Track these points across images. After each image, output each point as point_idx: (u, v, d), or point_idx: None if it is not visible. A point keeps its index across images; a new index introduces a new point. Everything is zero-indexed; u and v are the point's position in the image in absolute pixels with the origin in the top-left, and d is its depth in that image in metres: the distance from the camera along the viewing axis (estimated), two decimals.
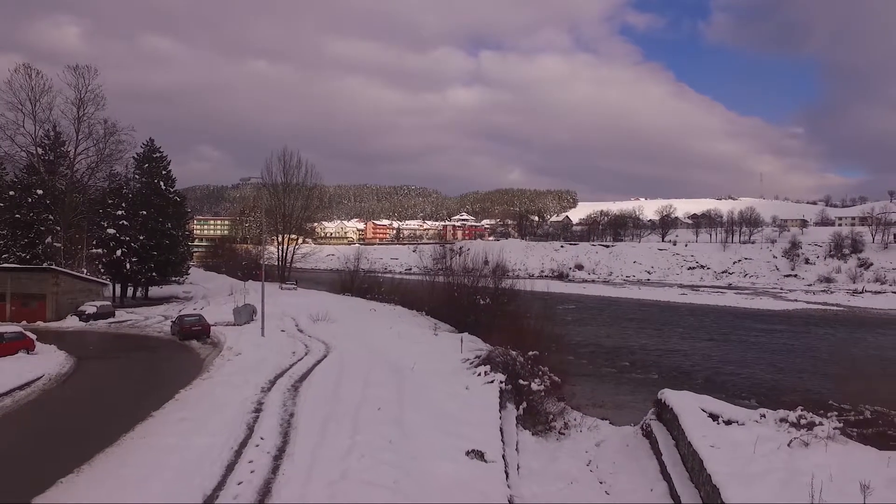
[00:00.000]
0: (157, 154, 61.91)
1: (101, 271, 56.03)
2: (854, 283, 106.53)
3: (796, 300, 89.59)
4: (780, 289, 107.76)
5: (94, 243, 55.98)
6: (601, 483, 17.35)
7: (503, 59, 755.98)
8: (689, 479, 15.27)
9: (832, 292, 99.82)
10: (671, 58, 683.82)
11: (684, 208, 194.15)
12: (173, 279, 63.20)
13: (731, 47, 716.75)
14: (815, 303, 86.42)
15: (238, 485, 12.57)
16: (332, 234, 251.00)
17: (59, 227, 52.04)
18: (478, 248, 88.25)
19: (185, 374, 24.36)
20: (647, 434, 19.77)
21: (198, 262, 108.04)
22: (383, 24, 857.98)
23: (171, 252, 60.99)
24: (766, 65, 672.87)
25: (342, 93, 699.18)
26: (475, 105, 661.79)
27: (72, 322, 42.40)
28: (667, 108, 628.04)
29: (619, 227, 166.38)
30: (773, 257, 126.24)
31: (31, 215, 49.89)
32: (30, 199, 49.87)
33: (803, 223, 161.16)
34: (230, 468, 13.52)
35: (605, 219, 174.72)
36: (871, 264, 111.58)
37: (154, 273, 59.21)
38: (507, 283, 48.32)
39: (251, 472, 13.29)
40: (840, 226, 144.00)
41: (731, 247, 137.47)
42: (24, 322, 39.24)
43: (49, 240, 50.81)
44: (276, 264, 79.42)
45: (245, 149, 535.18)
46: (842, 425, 15.14)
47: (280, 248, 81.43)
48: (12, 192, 50.46)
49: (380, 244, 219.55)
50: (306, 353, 28.58)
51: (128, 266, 56.27)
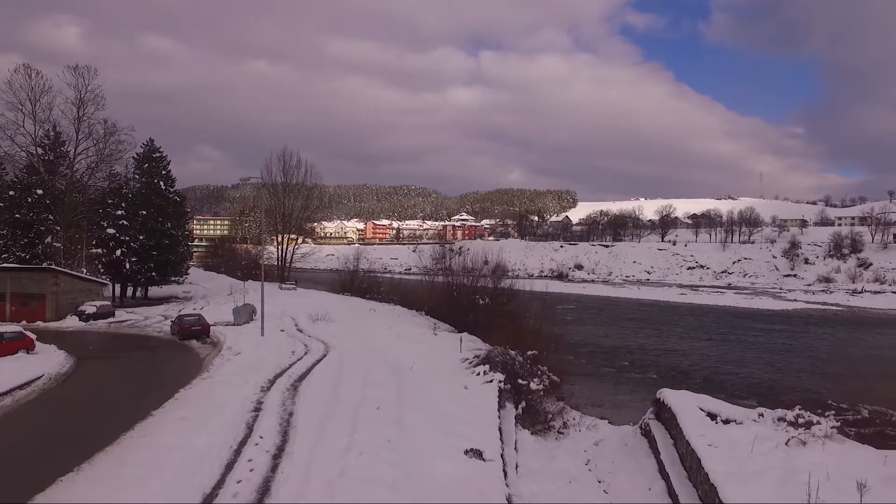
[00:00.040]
0: (157, 154, 62.04)
1: (101, 271, 56.07)
2: (853, 283, 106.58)
3: (796, 300, 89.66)
4: (780, 289, 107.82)
5: (93, 243, 56.02)
6: (599, 482, 17.40)
7: (503, 59, 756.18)
8: (686, 477, 15.31)
9: (831, 292, 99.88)
10: (671, 58, 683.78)
11: (684, 208, 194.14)
12: (173, 279, 63.33)
13: (731, 47, 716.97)
14: (814, 303, 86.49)
15: (237, 483, 12.63)
16: (331, 234, 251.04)
17: (58, 227, 52.04)
18: (477, 248, 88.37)
19: (185, 373, 24.43)
20: (646, 433, 19.81)
21: (197, 262, 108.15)
22: (383, 24, 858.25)
23: (171, 252, 61.13)
24: (766, 65, 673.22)
25: (342, 93, 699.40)
26: (475, 105, 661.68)
27: (71, 322, 42.45)
28: (667, 108, 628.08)
29: (618, 227, 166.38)
30: (773, 257, 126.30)
31: (31, 215, 49.90)
32: (30, 199, 49.88)
33: (803, 223, 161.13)
34: (229, 467, 13.58)
35: (605, 219, 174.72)
36: (871, 264, 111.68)
37: (154, 273, 59.34)
38: (506, 283, 48.42)
39: (250, 470, 13.35)
40: (840, 226, 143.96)
41: (730, 247, 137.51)
42: (24, 322, 39.29)
43: (49, 240, 50.82)
44: (275, 264, 79.49)
45: (245, 149, 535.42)
46: (839, 424, 15.20)
47: (280, 247, 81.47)
48: (12, 192, 50.47)
49: (379, 244, 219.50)
50: (306, 353, 28.64)
51: (127, 266, 56.37)
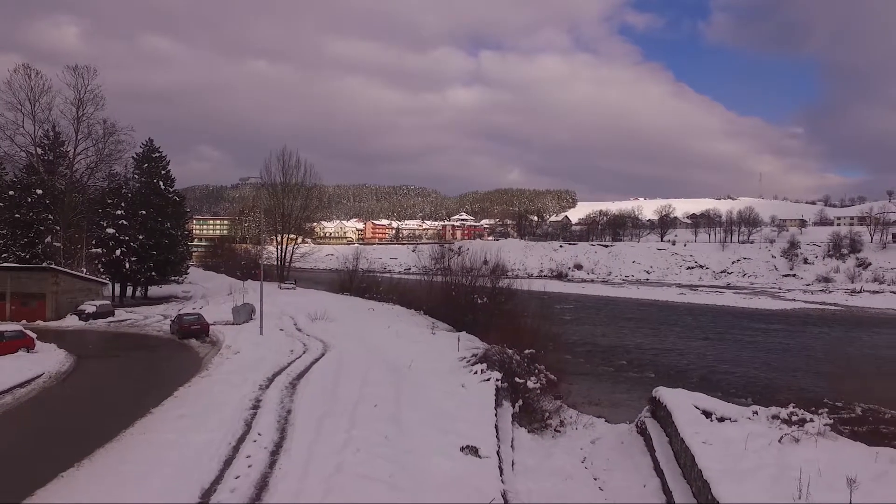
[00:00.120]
0: (157, 154, 62.22)
1: (101, 271, 56.19)
2: (852, 282, 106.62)
3: (794, 300, 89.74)
4: (779, 288, 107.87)
5: (93, 243, 56.15)
6: (595, 479, 17.50)
7: (503, 59, 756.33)
8: (681, 474, 15.43)
9: (830, 292, 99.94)
10: (671, 58, 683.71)
11: (683, 208, 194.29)
12: (172, 279, 63.51)
13: (731, 47, 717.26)
14: (812, 302, 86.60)
15: (236, 479, 12.79)
16: (331, 233, 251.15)
17: (58, 227, 52.15)
18: (476, 248, 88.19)
19: (185, 372, 24.60)
20: (642, 431, 19.92)
21: (197, 261, 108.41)
22: (383, 24, 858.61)
23: (171, 252, 61.30)
24: (766, 65, 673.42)
25: (342, 93, 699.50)
26: (475, 105, 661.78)
27: (71, 321, 42.57)
28: (666, 108, 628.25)
29: (618, 227, 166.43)
30: (772, 257, 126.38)
31: (31, 215, 50.00)
32: (29, 199, 49.99)
33: (802, 223, 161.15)
34: (228, 463, 13.74)
35: (605, 219, 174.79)
36: (870, 264, 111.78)
37: (153, 272, 59.52)
38: (504, 283, 48.54)
39: (248, 466, 13.51)
40: (839, 226, 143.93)
41: (729, 247, 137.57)
42: (24, 321, 39.41)
43: (49, 239, 50.93)
44: (275, 264, 79.62)
45: (244, 149, 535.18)
46: (833, 422, 15.31)
47: (279, 247, 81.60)
48: (12, 192, 50.57)
49: (379, 244, 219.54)
50: (304, 352, 28.77)
51: (127, 265, 56.53)
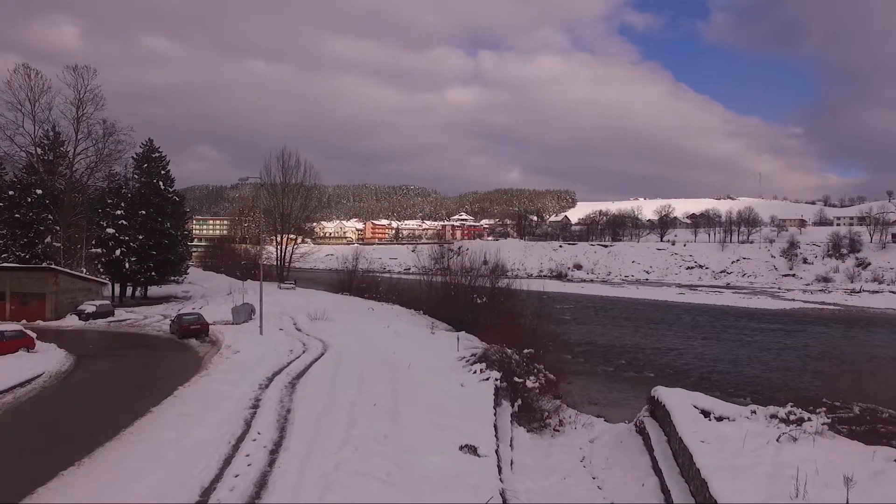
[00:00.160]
0: (156, 154, 62.27)
1: (101, 271, 56.24)
2: (852, 282, 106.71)
3: (794, 299, 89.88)
4: (778, 288, 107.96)
5: (93, 243, 56.17)
6: (594, 478, 17.54)
7: (501, 58, 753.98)
8: (679, 473, 15.47)
9: (830, 292, 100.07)
10: (670, 57, 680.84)
11: (683, 208, 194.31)
12: (172, 279, 63.57)
13: (731, 47, 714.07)
14: (812, 302, 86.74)
15: (235, 477, 12.83)
16: (330, 233, 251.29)
17: (58, 227, 52.21)
18: (476, 248, 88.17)
19: (184, 371, 24.68)
20: (641, 430, 19.98)
21: (197, 261, 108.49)
22: (382, 24, 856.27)
23: (170, 252, 61.36)
24: (766, 64, 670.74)
25: (341, 92, 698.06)
26: (474, 105, 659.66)
27: (71, 321, 42.64)
28: (666, 107, 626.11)
29: (617, 227, 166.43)
30: (772, 257, 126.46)
31: (31, 215, 50.06)
32: (29, 199, 50.05)
33: (802, 223, 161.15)
34: (228, 461, 13.79)
35: (604, 219, 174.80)
36: (869, 264, 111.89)
37: (153, 272, 59.56)
38: (504, 283, 48.66)
39: (248, 465, 13.56)
40: (838, 226, 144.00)
41: (729, 246, 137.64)
42: (24, 321, 39.50)
43: (48, 239, 50.99)
44: (274, 264, 79.71)
45: (244, 149, 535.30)
46: (830, 421, 15.33)
47: (279, 247, 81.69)
48: (12, 192, 50.63)
49: (378, 244, 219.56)
50: (304, 351, 28.85)
51: (127, 265, 56.59)
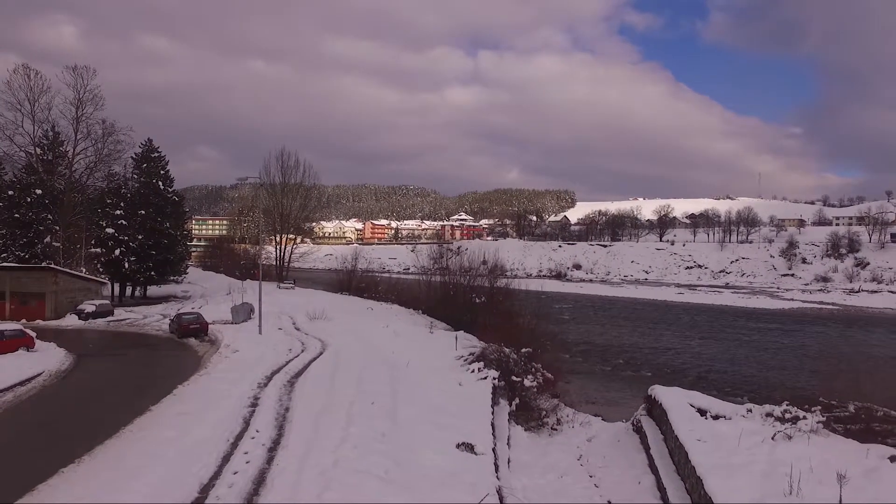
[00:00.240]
0: (156, 154, 62.36)
1: (100, 270, 56.35)
2: (851, 282, 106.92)
3: (793, 299, 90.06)
4: (777, 288, 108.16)
5: (92, 243, 56.28)
6: (591, 476, 17.64)
7: (501, 58, 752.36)
8: (675, 471, 15.58)
9: (829, 291, 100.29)
10: (669, 57, 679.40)
11: (682, 208, 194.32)
12: (172, 278, 63.68)
13: (730, 47, 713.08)
14: (811, 302, 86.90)
15: (234, 474, 12.92)
16: (330, 233, 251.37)
17: (57, 227, 52.30)
18: (475, 248, 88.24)
19: (184, 370, 24.78)
20: (638, 429, 20.08)
21: (196, 261, 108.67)
22: (382, 24, 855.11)
23: (170, 251, 61.46)
24: (765, 64, 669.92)
25: (340, 92, 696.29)
26: (473, 105, 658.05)
27: (71, 320, 42.74)
28: (665, 107, 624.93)
29: (617, 227, 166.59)
30: (771, 257, 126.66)
31: (30, 215, 50.15)
32: (29, 199, 50.14)
33: (801, 223, 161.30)
34: (226, 459, 13.87)
35: (604, 219, 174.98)
36: (868, 264, 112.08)
37: (152, 272, 59.66)
38: (503, 283, 48.70)
39: (247, 462, 13.65)
40: (837, 226, 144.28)
41: (728, 246, 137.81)
42: (24, 320, 39.55)
43: (48, 239, 51.09)
44: (274, 264, 79.80)
45: (243, 149, 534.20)
46: (826, 419, 15.42)
47: (278, 247, 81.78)
48: (11, 192, 50.72)
49: (378, 244, 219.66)
50: (303, 351, 28.92)
51: (126, 265, 56.68)
